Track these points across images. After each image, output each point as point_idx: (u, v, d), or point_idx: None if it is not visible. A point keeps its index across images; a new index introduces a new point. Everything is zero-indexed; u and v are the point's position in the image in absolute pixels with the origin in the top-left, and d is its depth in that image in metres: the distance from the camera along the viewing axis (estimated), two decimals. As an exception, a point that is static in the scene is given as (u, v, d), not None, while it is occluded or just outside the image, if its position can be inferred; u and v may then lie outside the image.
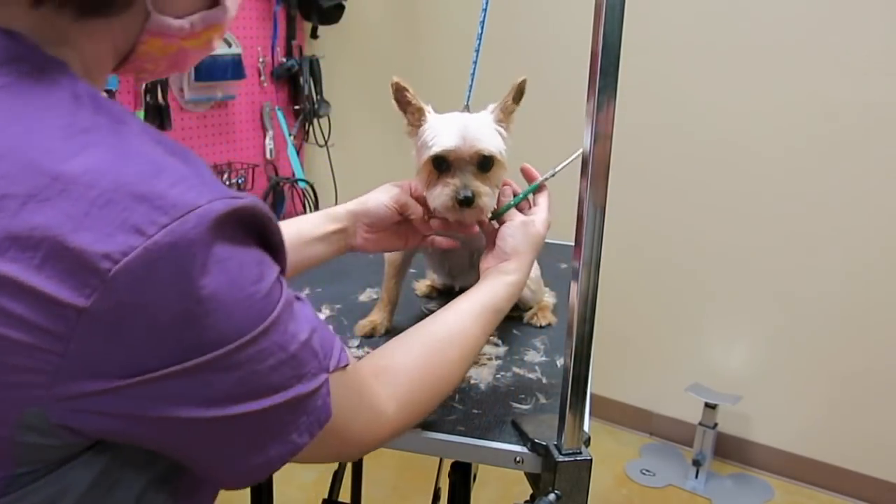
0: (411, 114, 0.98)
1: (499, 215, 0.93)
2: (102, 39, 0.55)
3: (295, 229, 0.91)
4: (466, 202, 0.91)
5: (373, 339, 1.09)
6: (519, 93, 0.96)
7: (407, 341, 0.74)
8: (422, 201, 0.96)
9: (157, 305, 0.43)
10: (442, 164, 0.94)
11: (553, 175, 0.94)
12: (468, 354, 0.77)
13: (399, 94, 0.97)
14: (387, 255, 1.12)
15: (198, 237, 0.44)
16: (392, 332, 1.12)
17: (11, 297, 0.41)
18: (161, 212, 0.43)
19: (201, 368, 0.46)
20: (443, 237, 1.02)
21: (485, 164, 0.94)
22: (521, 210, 0.93)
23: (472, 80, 1.04)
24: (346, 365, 0.57)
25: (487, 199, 0.93)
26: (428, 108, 0.97)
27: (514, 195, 0.95)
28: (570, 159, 0.90)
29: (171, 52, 0.60)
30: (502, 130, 0.96)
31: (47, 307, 0.41)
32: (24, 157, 0.43)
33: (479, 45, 1.03)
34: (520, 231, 0.89)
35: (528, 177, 0.95)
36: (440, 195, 0.93)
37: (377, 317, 1.11)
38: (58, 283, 0.41)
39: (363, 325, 1.11)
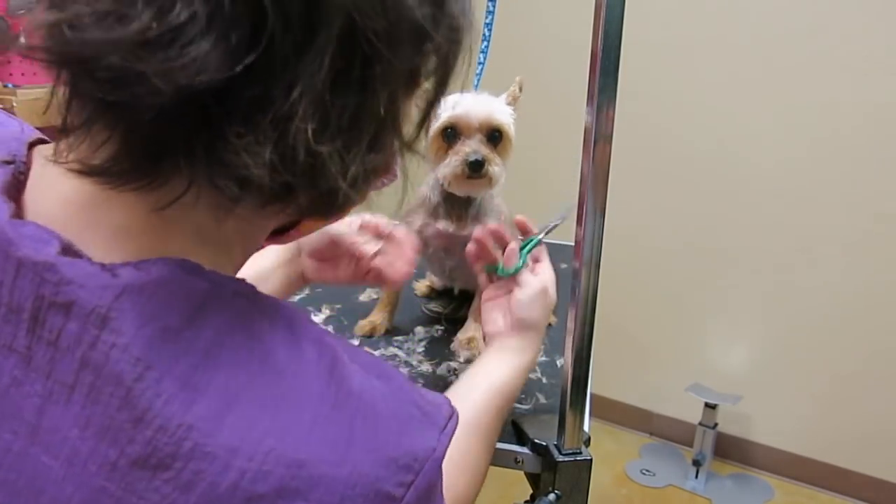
0: None
1: (510, 274, 0.84)
2: (272, 224, 0.48)
3: (255, 269, 0.82)
4: (476, 166, 0.90)
5: (372, 338, 1.10)
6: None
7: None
8: (373, 231, 0.87)
9: None
10: (451, 135, 0.94)
11: (550, 230, 0.88)
12: (491, 448, 0.75)
13: None
14: None
15: (436, 479, 0.43)
16: (392, 332, 1.12)
17: None
18: (407, 470, 0.40)
19: None
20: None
21: (494, 135, 0.94)
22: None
23: (479, 78, 1.04)
24: None
25: (497, 168, 0.92)
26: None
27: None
28: (562, 214, 0.87)
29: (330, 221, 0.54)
30: (512, 111, 0.96)
31: None
32: (281, 455, 0.37)
33: (486, 45, 1.03)
34: (539, 301, 0.82)
35: (523, 231, 0.89)
36: (449, 164, 0.93)
37: (377, 317, 1.11)
38: None
39: (363, 325, 1.11)
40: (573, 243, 0.75)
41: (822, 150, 2.11)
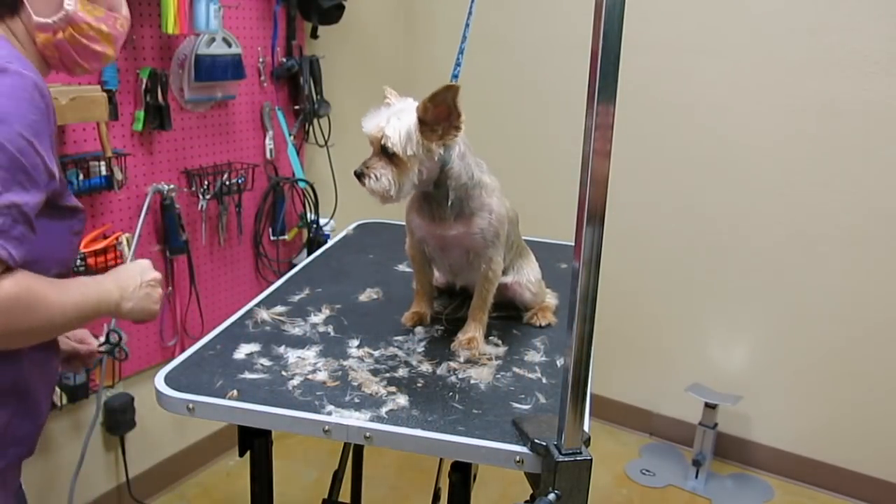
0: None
1: None
2: (20, 30, 0.87)
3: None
4: (357, 176, 1.00)
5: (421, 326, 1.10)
6: (441, 101, 0.96)
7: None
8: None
9: None
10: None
11: None
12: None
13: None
14: (409, 251, 1.17)
15: None
16: (434, 321, 1.16)
17: None
18: None
19: None
20: None
21: (386, 151, 0.98)
22: None
23: (458, 68, 1.05)
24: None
25: (373, 182, 0.98)
26: (388, 91, 1.06)
27: None
28: None
29: (53, 42, 0.86)
30: (413, 128, 0.97)
31: None
32: None
33: (462, 45, 1.04)
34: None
35: None
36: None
37: (421, 307, 1.17)
38: None
39: (409, 316, 1.17)
40: (573, 243, 0.75)
41: (823, 150, 2.11)
